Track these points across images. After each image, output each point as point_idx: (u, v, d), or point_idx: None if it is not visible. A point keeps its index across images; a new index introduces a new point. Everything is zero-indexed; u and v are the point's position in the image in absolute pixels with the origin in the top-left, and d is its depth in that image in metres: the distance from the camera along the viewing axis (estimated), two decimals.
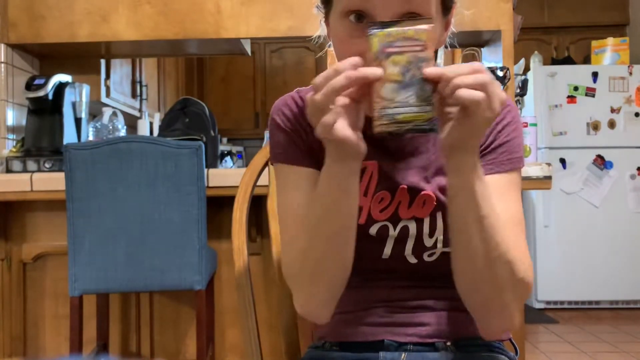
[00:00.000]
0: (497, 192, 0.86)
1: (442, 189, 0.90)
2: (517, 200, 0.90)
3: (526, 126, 2.23)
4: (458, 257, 0.84)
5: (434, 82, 0.72)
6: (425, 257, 0.92)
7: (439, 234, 0.90)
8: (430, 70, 0.72)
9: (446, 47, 1.01)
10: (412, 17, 0.79)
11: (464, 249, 0.82)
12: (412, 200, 0.91)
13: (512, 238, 0.83)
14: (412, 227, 0.91)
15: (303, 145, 0.92)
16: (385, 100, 0.72)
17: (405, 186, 0.91)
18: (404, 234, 0.91)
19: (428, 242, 0.91)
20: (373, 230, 0.92)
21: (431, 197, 0.90)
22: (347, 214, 0.82)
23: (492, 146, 0.90)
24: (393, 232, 0.91)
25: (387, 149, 0.92)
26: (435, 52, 0.95)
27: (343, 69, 0.72)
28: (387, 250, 0.92)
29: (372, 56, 0.74)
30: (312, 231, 0.84)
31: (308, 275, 0.87)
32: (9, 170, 2.34)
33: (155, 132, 3.70)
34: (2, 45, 2.58)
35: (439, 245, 0.91)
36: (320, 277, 0.86)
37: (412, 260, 0.92)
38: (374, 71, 0.72)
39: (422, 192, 0.91)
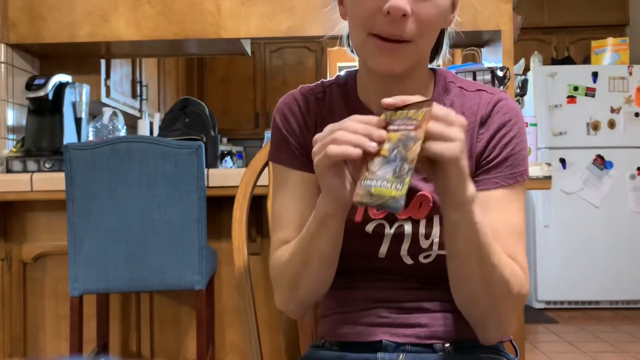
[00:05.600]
0: (499, 205, 0.88)
1: None
2: (519, 211, 0.91)
3: (526, 126, 2.23)
4: (455, 279, 0.87)
5: (415, 163, 0.72)
6: (421, 259, 0.92)
7: (435, 237, 0.90)
8: (387, 100, 0.76)
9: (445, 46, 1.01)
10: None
11: (461, 273, 0.85)
12: (408, 201, 0.91)
13: (510, 249, 0.86)
14: (408, 227, 0.91)
15: (299, 148, 0.95)
16: (368, 172, 0.75)
17: None
18: (399, 233, 0.91)
19: (424, 244, 0.91)
20: (369, 227, 0.92)
21: (428, 198, 0.90)
22: (323, 245, 0.86)
23: (498, 159, 0.91)
24: (389, 231, 0.92)
25: None
26: (443, 32, 0.97)
27: (362, 132, 0.75)
28: (383, 250, 0.92)
29: None
30: (296, 249, 0.89)
31: (286, 283, 0.93)
32: (9, 170, 2.34)
33: (155, 132, 3.70)
34: (2, 45, 2.58)
35: (435, 247, 0.91)
36: (296, 287, 0.92)
37: (408, 261, 0.92)
38: (370, 144, 0.74)
39: (419, 193, 0.91)
